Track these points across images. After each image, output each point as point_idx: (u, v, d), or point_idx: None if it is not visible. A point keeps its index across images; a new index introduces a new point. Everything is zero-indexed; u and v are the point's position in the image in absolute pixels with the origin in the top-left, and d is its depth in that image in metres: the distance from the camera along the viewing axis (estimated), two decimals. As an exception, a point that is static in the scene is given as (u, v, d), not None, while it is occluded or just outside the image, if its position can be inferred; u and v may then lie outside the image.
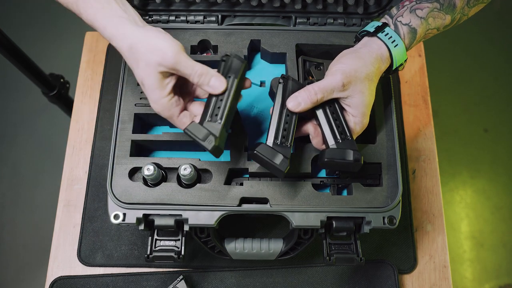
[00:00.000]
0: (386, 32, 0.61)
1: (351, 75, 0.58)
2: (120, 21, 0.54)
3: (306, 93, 0.58)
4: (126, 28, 0.53)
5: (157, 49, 0.53)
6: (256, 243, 0.67)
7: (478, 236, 1.56)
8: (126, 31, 0.53)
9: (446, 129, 1.70)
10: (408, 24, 0.61)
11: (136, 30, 0.54)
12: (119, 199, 0.62)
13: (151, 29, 0.54)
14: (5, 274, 1.48)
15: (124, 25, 0.54)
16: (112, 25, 0.54)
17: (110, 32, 0.54)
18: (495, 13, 1.89)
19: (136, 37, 0.53)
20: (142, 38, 0.53)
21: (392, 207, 0.63)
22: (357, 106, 0.59)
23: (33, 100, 1.66)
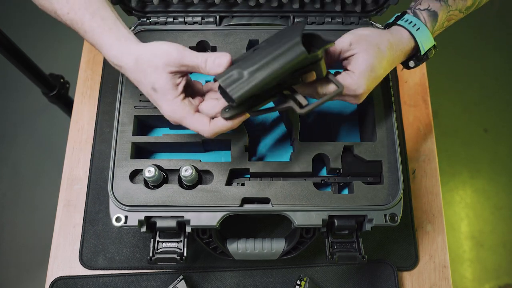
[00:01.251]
0: (405, 19, 0.62)
1: (360, 37, 0.58)
2: (126, 40, 0.56)
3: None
4: (131, 45, 0.55)
5: (161, 51, 0.54)
6: (258, 243, 0.67)
7: (478, 236, 1.56)
8: (132, 48, 0.55)
9: (446, 129, 1.70)
10: (427, 9, 0.62)
11: (139, 45, 0.56)
12: (120, 201, 0.62)
13: (152, 42, 0.56)
14: (5, 274, 1.48)
15: (130, 43, 0.56)
16: (119, 44, 0.55)
17: (117, 50, 0.55)
18: (495, 14, 1.89)
19: (140, 49, 0.55)
20: (145, 49, 0.55)
21: (394, 204, 0.63)
22: (358, 64, 0.57)
23: (33, 100, 1.66)
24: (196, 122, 0.55)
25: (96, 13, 0.56)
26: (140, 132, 0.70)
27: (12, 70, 1.13)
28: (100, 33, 0.55)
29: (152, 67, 0.54)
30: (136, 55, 0.54)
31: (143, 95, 0.68)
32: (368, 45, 0.57)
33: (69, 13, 0.56)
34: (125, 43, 0.55)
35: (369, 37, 0.58)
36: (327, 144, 0.66)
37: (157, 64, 0.53)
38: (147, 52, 0.54)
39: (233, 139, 0.66)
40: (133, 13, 0.72)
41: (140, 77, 0.55)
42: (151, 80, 0.54)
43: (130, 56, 0.55)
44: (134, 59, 0.54)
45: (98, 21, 0.55)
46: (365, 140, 0.71)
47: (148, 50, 0.54)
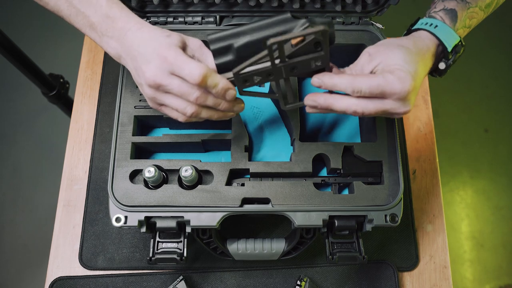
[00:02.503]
0: (420, 22, 0.60)
1: (377, 46, 0.56)
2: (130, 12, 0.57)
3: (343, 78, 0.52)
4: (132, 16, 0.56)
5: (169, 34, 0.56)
6: (258, 243, 0.67)
7: (479, 236, 1.56)
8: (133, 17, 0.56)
9: (447, 130, 1.70)
10: (442, 9, 0.60)
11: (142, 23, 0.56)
12: (120, 202, 0.62)
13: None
14: (5, 274, 1.48)
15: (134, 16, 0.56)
16: (125, 13, 0.56)
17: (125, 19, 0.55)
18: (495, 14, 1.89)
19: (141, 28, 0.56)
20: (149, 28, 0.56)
21: (394, 204, 0.63)
22: (389, 63, 0.52)
23: (32, 100, 1.66)
24: (189, 61, 0.52)
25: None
26: (140, 132, 0.70)
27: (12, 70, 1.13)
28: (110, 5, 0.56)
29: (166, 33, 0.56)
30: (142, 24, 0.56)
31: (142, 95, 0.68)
32: (389, 46, 0.55)
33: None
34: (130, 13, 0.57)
35: (386, 42, 0.56)
36: (327, 144, 0.66)
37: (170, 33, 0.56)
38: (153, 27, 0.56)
39: (233, 139, 0.66)
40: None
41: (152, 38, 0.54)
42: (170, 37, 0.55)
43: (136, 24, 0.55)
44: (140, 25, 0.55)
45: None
46: (366, 140, 0.71)
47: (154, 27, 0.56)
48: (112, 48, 0.57)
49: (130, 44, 0.54)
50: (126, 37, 0.55)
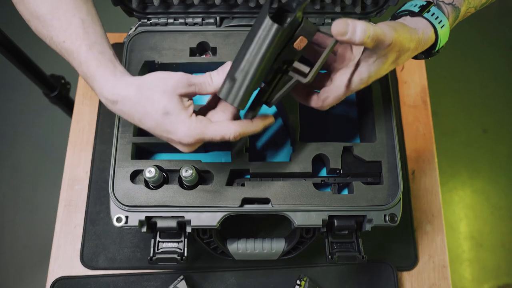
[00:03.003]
0: (432, 12, 0.56)
1: (398, 40, 0.51)
2: (123, 75, 0.53)
3: (363, 27, 0.48)
4: (129, 78, 0.53)
5: (165, 75, 0.52)
6: (258, 243, 0.67)
7: (477, 236, 1.56)
8: (130, 79, 0.53)
9: (445, 130, 1.71)
10: (451, 4, 0.58)
11: (135, 77, 0.53)
12: (121, 202, 0.62)
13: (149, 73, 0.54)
14: (6, 274, 1.48)
15: (127, 77, 0.53)
16: (115, 78, 0.52)
17: (113, 83, 0.52)
18: (494, 14, 1.90)
19: (140, 78, 0.53)
20: (147, 77, 0.53)
21: (393, 204, 0.63)
22: (370, 69, 0.53)
23: (34, 101, 1.66)
24: (218, 128, 0.53)
25: (93, 45, 0.53)
26: (140, 132, 0.70)
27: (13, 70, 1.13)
28: (96, 65, 0.52)
29: (160, 92, 0.51)
30: (138, 84, 0.52)
31: None
32: (395, 51, 0.52)
33: (65, 42, 0.54)
34: (122, 77, 0.53)
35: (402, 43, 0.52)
36: (327, 144, 0.66)
37: (165, 87, 0.51)
38: (150, 79, 0.52)
39: (233, 139, 0.66)
40: (134, 14, 0.72)
41: (146, 106, 0.51)
42: (162, 105, 0.51)
43: (130, 87, 0.52)
44: (136, 88, 0.51)
45: (95, 53, 0.53)
46: (365, 141, 0.71)
47: (151, 77, 0.52)
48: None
49: (135, 111, 0.53)
50: (125, 106, 0.53)
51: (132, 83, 0.52)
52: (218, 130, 0.52)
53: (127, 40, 0.71)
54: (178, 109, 0.51)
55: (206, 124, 0.52)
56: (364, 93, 0.72)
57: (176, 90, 0.51)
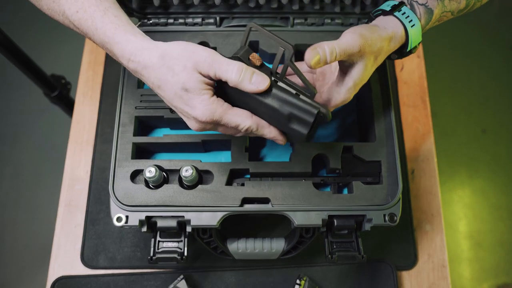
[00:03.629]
0: (403, 11, 0.58)
1: (367, 43, 0.53)
2: (144, 37, 0.52)
3: (330, 48, 0.51)
4: (152, 41, 0.51)
5: (192, 50, 0.50)
6: (258, 242, 0.68)
7: (477, 235, 1.57)
8: (153, 43, 0.51)
9: (445, 130, 1.71)
10: (424, 4, 0.59)
11: (162, 42, 0.51)
12: (121, 201, 0.62)
13: (178, 41, 0.52)
14: (6, 273, 1.48)
15: (149, 40, 0.52)
16: (136, 39, 0.51)
17: (135, 45, 0.51)
18: (493, 14, 1.90)
19: (166, 45, 0.50)
20: (172, 45, 0.50)
21: (393, 204, 0.63)
22: (354, 78, 0.55)
23: (34, 101, 1.67)
24: (238, 115, 0.52)
25: (108, 10, 0.52)
26: (140, 132, 0.70)
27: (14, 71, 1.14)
28: (114, 28, 0.51)
29: (181, 66, 0.49)
30: (162, 50, 0.50)
31: (144, 95, 0.69)
32: (368, 56, 0.54)
33: (78, 12, 0.53)
34: (144, 39, 0.51)
35: (372, 45, 0.54)
36: (326, 144, 0.66)
37: (186, 63, 0.49)
38: (176, 48, 0.50)
39: (233, 139, 0.67)
40: (134, 14, 0.72)
41: (167, 75, 0.50)
42: (182, 80, 0.49)
43: (154, 51, 0.50)
44: (160, 54, 0.50)
45: (110, 17, 0.52)
46: (364, 141, 0.71)
47: (177, 46, 0.50)
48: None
49: (155, 77, 0.51)
50: (147, 69, 0.51)
51: (156, 47, 0.50)
52: (236, 117, 0.52)
53: (127, 40, 0.71)
54: (197, 88, 0.50)
55: (227, 108, 0.52)
56: (364, 93, 0.72)
57: (198, 67, 0.49)
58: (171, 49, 0.50)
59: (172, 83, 0.50)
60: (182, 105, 0.51)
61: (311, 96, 0.53)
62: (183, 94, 0.50)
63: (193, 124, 0.53)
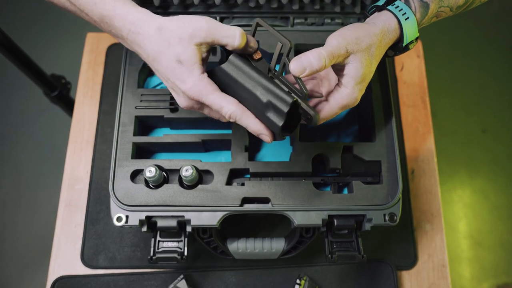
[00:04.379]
0: (396, 5, 0.57)
1: (353, 42, 0.53)
2: (144, 9, 0.52)
3: (316, 54, 0.51)
4: (151, 14, 0.52)
5: (189, 21, 0.50)
6: (258, 242, 0.68)
7: (477, 235, 1.57)
8: (152, 16, 0.51)
9: (445, 130, 1.71)
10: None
11: (160, 16, 0.52)
12: (121, 201, 0.63)
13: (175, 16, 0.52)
14: (7, 273, 1.48)
15: (149, 12, 0.52)
16: (136, 10, 0.51)
17: (135, 16, 0.51)
18: (493, 14, 1.90)
19: (164, 18, 0.51)
20: (171, 18, 0.51)
21: (393, 204, 0.63)
22: (352, 76, 0.55)
23: (34, 101, 1.67)
24: (222, 99, 0.51)
25: None
26: (140, 132, 0.70)
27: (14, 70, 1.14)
28: (114, 1, 0.51)
29: (177, 37, 0.50)
30: (159, 22, 0.50)
31: (144, 95, 0.69)
32: (361, 52, 0.54)
33: None
34: (143, 10, 0.52)
35: (360, 41, 0.54)
36: (326, 144, 0.66)
37: (182, 33, 0.49)
38: (173, 21, 0.50)
39: (233, 139, 0.67)
40: (134, 14, 0.72)
41: (162, 47, 0.50)
42: (176, 52, 0.50)
43: (152, 24, 0.50)
44: (157, 27, 0.50)
45: None
46: (365, 140, 0.71)
47: (174, 19, 0.50)
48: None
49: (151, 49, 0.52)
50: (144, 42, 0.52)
51: (154, 20, 0.51)
52: (220, 100, 0.51)
53: (127, 40, 0.71)
54: (191, 61, 0.50)
55: (214, 90, 0.51)
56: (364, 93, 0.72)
57: (193, 39, 0.50)
58: (168, 22, 0.50)
59: (167, 54, 0.50)
60: (173, 78, 0.51)
61: (302, 97, 0.53)
62: (176, 67, 0.50)
63: (182, 100, 0.54)
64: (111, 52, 0.92)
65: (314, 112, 0.52)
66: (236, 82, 0.53)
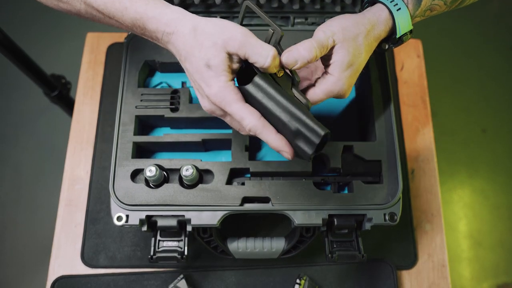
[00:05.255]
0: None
1: (339, 32, 0.54)
2: (178, 8, 0.51)
3: (307, 46, 0.52)
4: (186, 13, 0.51)
5: (225, 28, 0.50)
6: (258, 242, 0.68)
7: (476, 235, 1.57)
8: (187, 15, 0.51)
9: (445, 129, 1.71)
10: None
11: (196, 16, 0.51)
12: (121, 201, 0.63)
13: (214, 18, 0.52)
14: (7, 273, 1.48)
15: (183, 11, 0.51)
16: (171, 11, 0.51)
17: (170, 16, 0.50)
18: (493, 14, 1.90)
19: (200, 19, 0.50)
20: (207, 20, 0.50)
21: (393, 203, 0.63)
22: (338, 64, 0.54)
23: (34, 101, 1.67)
24: (245, 110, 0.51)
25: None
26: (141, 131, 0.70)
27: (14, 70, 1.14)
28: (144, 4, 0.51)
29: (211, 42, 0.49)
30: (195, 23, 0.50)
31: (144, 94, 0.69)
32: (347, 41, 0.54)
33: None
34: (177, 8, 0.51)
35: (346, 30, 0.54)
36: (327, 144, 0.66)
37: (216, 39, 0.49)
38: (209, 24, 0.50)
39: (233, 138, 0.67)
40: (134, 14, 0.72)
41: (194, 48, 0.50)
42: (207, 56, 0.49)
43: (188, 23, 0.50)
44: (192, 26, 0.50)
45: None
46: (365, 140, 0.71)
47: (211, 22, 0.50)
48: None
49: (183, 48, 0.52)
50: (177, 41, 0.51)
51: (191, 19, 0.50)
52: (242, 111, 0.51)
53: (127, 40, 0.71)
54: (220, 68, 0.50)
55: (237, 100, 0.51)
56: (364, 93, 0.72)
57: (227, 47, 0.49)
58: (204, 23, 0.50)
59: (198, 57, 0.50)
60: (200, 80, 0.51)
61: (295, 85, 0.54)
62: (204, 70, 0.50)
63: (206, 104, 0.53)
64: (111, 52, 0.92)
65: (306, 100, 0.54)
66: (261, 104, 0.52)
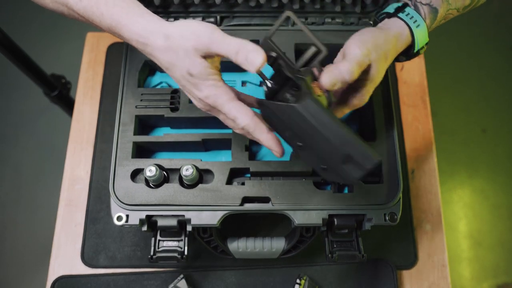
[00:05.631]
0: (407, 12, 0.58)
1: (373, 50, 0.54)
2: (151, 16, 0.51)
3: (349, 69, 0.52)
4: (158, 22, 0.51)
5: (191, 32, 0.49)
6: (258, 242, 0.68)
7: (477, 235, 1.57)
8: (158, 25, 0.50)
9: (445, 129, 1.71)
10: (429, 4, 0.59)
11: (168, 23, 0.51)
12: (121, 200, 0.62)
13: (180, 20, 0.51)
14: (7, 273, 1.48)
15: (156, 19, 0.51)
16: (143, 20, 0.51)
17: (141, 26, 0.50)
18: (493, 14, 1.90)
19: (169, 28, 0.50)
20: (174, 26, 0.50)
21: (393, 203, 0.63)
22: (368, 82, 0.56)
23: (34, 101, 1.67)
24: (238, 108, 0.51)
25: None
26: (141, 131, 0.70)
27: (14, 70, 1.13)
28: (119, 11, 0.51)
29: (183, 50, 0.49)
30: (165, 32, 0.49)
31: (144, 94, 0.69)
32: (379, 59, 0.55)
33: (82, 1, 0.52)
34: (150, 18, 0.51)
35: (379, 48, 0.55)
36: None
37: (187, 47, 0.49)
38: (177, 30, 0.49)
39: (233, 138, 0.67)
40: (134, 13, 0.72)
41: (172, 59, 0.50)
42: (186, 65, 0.49)
43: (158, 34, 0.49)
44: (163, 37, 0.49)
45: (115, 0, 0.51)
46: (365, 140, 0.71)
47: (177, 30, 0.49)
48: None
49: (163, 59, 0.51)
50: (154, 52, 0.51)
51: (159, 31, 0.50)
52: (235, 111, 0.51)
53: (127, 39, 0.71)
54: (203, 73, 0.50)
55: (230, 99, 0.51)
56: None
57: (197, 51, 0.49)
58: (173, 31, 0.50)
59: (179, 66, 0.50)
60: (189, 86, 0.51)
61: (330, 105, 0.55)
62: (190, 78, 0.50)
63: (198, 103, 0.54)
64: (111, 52, 0.92)
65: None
66: (309, 124, 0.49)
